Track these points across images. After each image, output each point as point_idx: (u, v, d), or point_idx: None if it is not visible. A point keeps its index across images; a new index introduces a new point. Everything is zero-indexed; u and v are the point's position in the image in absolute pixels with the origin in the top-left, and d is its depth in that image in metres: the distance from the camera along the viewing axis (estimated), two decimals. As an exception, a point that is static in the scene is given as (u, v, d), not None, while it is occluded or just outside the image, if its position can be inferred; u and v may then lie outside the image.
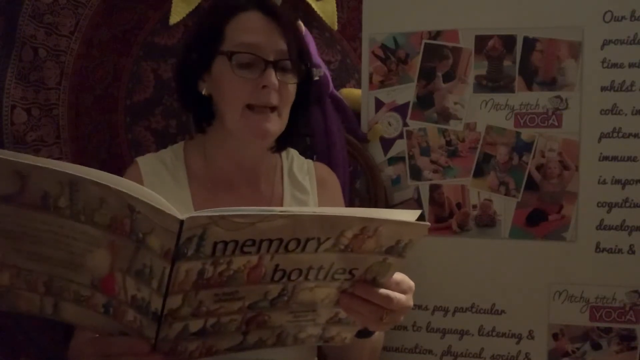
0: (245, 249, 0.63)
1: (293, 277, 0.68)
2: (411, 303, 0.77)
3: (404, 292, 0.75)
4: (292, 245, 0.64)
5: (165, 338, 0.66)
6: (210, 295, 0.65)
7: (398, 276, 0.75)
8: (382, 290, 0.72)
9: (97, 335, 0.71)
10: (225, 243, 0.61)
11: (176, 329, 0.66)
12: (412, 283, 0.77)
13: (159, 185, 1.01)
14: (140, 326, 0.65)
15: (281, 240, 0.64)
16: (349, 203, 1.27)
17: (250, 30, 0.97)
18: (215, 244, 0.61)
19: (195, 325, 0.67)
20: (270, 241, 0.63)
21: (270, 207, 0.66)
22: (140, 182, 1.00)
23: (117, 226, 0.61)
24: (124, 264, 0.63)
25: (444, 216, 1.28)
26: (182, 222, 0.58)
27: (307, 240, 0.65)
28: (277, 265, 0.66)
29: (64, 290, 0.66)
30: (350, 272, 0.71)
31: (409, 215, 0.69)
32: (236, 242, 0.61)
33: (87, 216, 0.61)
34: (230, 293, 0.66)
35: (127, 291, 0.64)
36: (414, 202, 1.29)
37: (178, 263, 0.60)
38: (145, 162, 1.04)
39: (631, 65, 1.20)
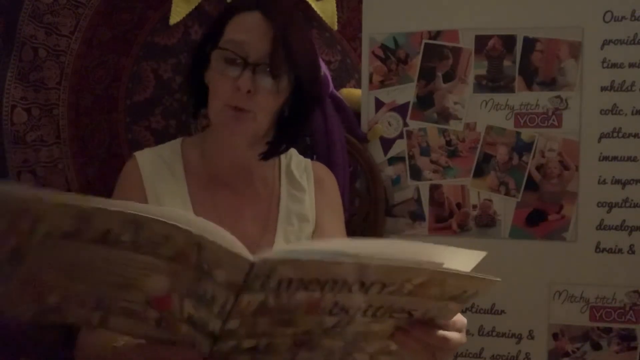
0: (310, 287, 0.63)
1: (350, 312, 0.68)
2: (464, 340, 0.75)
3: (458, 330, 0.74)
4: (355, 287, 0.64)
5: (218, 351, 0.66)
6: (267, 320, 0.65)
7: (455, 316, 0.74)
8: (440, 332, 0.71)
9: (143, 341, 0.69)
10: (291, 280, 0.61)
11: (230, 344, 0.66)
12: (465, 320, 0.75)
13: (157, 179, 1.02)
14: (194, 339, 0.65)
15: (346, 281, 0.63)
16: (349, 203, 1.27)
17: (242, 28, 0.97)
18: (281, 280, 0.61)
19: (248, 343, 0.67)
20: (335, 282, 0.63)
21: (343, 249, 0.64)
22: (139, 176, 1.02)
23: (181, 259, 0.60)
24: (183, 288, 0.62)
25: (444, 216, 1.27)
26: (253, 264, 0.58)
27: (372, 284, 0.65)
28: (337, 302, 0.66)
29: (114, 306, 0.65)
30: (409, 312, 0.70)
31: (473, 257, 0.69)
32: (302, 280, 0.62)
33: (148, 249, 0.59)
34: (286, 320, 0.67)
35: (184, 310, 0.63)
36: (414, 202, 1.29)
37: (242, 295, 0.60)
38: (143, 156, 1.05)
39: (631, 65, 1.20)
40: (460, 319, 0.75)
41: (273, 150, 1.04)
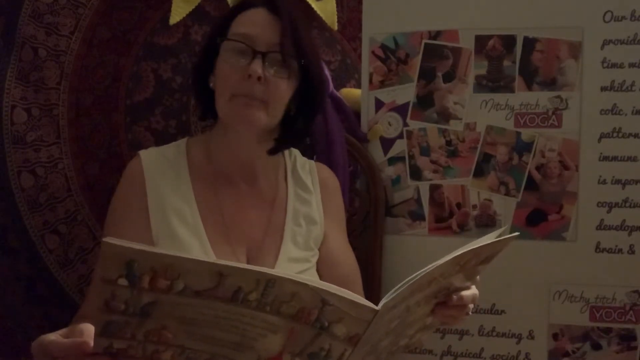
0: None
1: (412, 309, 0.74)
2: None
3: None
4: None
5: None
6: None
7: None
8: (469, 292, 0.85)
9: None
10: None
11: None
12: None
13: (160, 178, 1.01)
14: None
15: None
16: (349, 203, 1.27)
17: (249, 23, 0.99)
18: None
19: None
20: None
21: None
22: (141, 174, 1.02)
23: (302, 316, 0.62)
24: (297, 347, 0.64)
25: (444, 216, 1.27)
26: (377, 311, 0.61)
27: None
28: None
29: None
30: (447, 288, 0.79)
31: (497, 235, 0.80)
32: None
33: (273, 307, 0.61)
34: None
35: None
36: (414, 202, 1.29)
37: (360, 344, 0.63)
38: (147, 155, 1.05)
39: (631, 65, 1.20)
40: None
41: (280, 145, 1.05)
